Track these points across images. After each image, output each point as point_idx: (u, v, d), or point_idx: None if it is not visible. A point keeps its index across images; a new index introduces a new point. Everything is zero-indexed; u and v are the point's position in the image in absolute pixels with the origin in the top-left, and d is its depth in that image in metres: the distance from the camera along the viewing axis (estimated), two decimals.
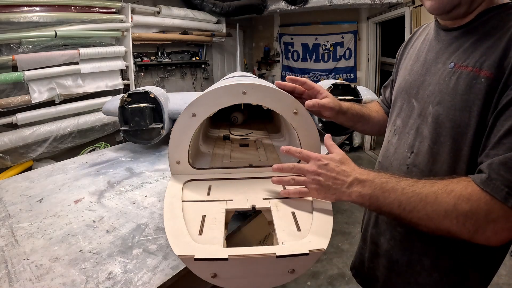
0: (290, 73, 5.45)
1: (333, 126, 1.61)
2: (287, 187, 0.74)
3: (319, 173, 0.66)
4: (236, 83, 0.79)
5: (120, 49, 3.00)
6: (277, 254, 0.55)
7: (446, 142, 0.67)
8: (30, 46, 2.40)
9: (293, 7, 4.26)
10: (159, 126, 1.54)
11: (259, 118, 1.82)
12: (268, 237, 1.11)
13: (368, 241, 0.91)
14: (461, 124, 0.64)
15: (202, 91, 0.91)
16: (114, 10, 3.02)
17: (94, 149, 2.69)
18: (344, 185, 0.64)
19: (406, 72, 0.82)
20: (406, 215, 0.60)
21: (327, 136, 0.75)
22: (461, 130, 0.64)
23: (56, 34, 2.48)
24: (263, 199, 0.75)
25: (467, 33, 0.67)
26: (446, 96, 0.66)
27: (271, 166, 0.91)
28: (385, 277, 0.83)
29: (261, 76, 5.37)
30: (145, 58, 3.56)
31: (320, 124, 1.60)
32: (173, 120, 1.64)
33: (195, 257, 0.55)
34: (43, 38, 2.45)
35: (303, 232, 0.64)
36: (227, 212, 0.72)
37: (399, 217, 0.61)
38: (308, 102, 0.81)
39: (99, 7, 2.86)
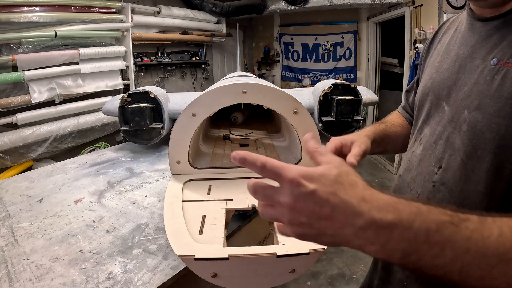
0: (290, 73, 5.45)
1: (333, 125, 1.61)
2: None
3: (298, 210, 0.37)
4: (236, 83, 0.79)
5: (120, 49, 3.00)
6: (278, 254, 0.55)
7: (484, 157, 0.54)
8: (30, 46, 2.40)
9: (293, 7, 4.26)
10: (159, 126, 1.54)
11: (259, 118, 1.82)
12: (268, 237, 1.11)
13: (379, 266, 0.77)
14: (506, 136, 0.51)
15: (202, 91, 0.91)
16: (114, 10, 3.02)
17: (94, 149, 2.69)
18: (350, 231, 0.36)
19: (433, 70, 0.70)
20: (471, 284, 0.36)
21: (308, 136, 0.48)
22: (506, 142, 0.51)
23: (56, 34, 2.48)
24: None
25: (510, 23, 0.56)
26: (488, 100, 0.54)
27: None
28: None
29: (261, 76, 5.37)
30: (145, 58, 3.56)
31: (320, 124, 1.60)
32: (173, 120, 1.63)
33: (195, 256, 0.55)
34: (43, 38, 2.45)
35: None
36: (227, 211, 0.72)
37: (455, 283, 0.37)
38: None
39: (99, 7, 2.86)
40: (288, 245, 0.59)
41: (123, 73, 3.22)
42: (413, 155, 0.70)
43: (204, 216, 0.69)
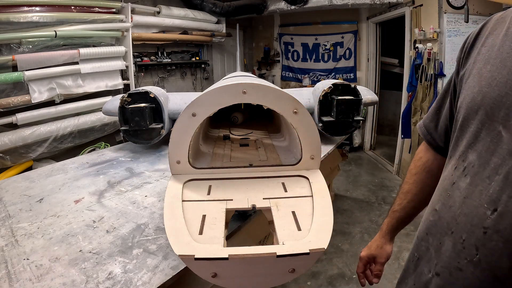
0: (290, 73, 5.45)
1: (333, 125, 1.61)
2: None
3: None
4: (236, 83, 0.79)
5: (120, 49, 3.00)
6: (278, 254, 0.55)
7: None
8: (30, 46, 2.40)
9: (293, 7, 4.25)
10: (159, 126, 1.54)
11: (259, 118, 1.82)
12: (268, 237, 1.11)
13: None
14: None
15: (202, 91, 0.91)
16: (114, 10, 3.02)
17: (94, 149, 2.68)
18: None
19: (482, 81, 0.56)
20: None
21: None
22: None
23: (56, 34, 2.48)
24: (263, 198, 0.75)
25: None
26: None
27: (271, 165, 0.91)
28: None
29: (261, 76, 5.36)
30: (145, 58, 3.55)
31: (320, 124, 1.60)
32: (173, 120, 1.63)
33: (195, 256, 0.55)
34: (43, 38, 2.45)
35: (303, 231, 0.64)
36: (227, 211, 0.72)
37: None
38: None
39: (99, 7, 2.86)
40: (288, 245, 0.59)
41: (123, 73, 3.22)
42: (455, 188, 0.58)
43: (204, 216, 0.69)
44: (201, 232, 0.64)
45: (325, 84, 1.64)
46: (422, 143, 0.82)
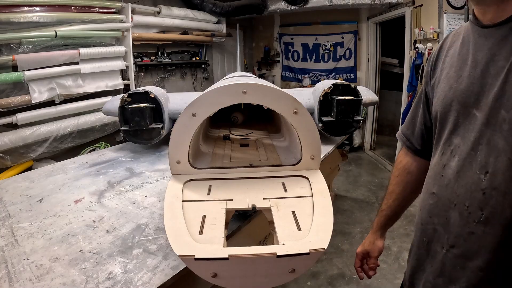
0: (290, 73, 5.45)
1: (333, 125, 1.61)
2: None
3: None
4: (236, 83, 0.79)
5: (120, 49, 3.00)
6: (278, 254, 0.55)
7: None
8: (30, 46, 2.40)
9: (293, 7, 4.25)
10: (159, 126, 1.54)
11: (259, 118, 1.82)
12: (268, 237, 1.11)
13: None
14: None
15: (202, 91, 0.91)
16: (114, 10, 3.02)
17: (94, 149, 2.68)
18: None
19: (451, 80, 0.69)
20: None
21: None
22: None
23: (56, 34, 2.48)
24: (264, 198, 0.75)
25: None
26: None
27: (271, 166, 0.91)
28: None
29: (261, 76, 5.36)
30: (145, 58, 3.55)
31: (320, 124, 1.60)
32: (173, 120, 1.64)
33: (195, 256, 0.55)
34: (43, 38, 2.45)
35: (303, 231, 0.64)
36: (228, 211, 0.72)
37: None
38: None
39: (99, 7, 2.86)
40: (288, 245, 0.59)
41: (123, 73, 3.22)
42: (447, 169, 0.67)
43: (204, 216, 0.69)
44: (201, 232, 0.64)
45: (325, 84, 1.64)
46: (401, 149, 0.92)
